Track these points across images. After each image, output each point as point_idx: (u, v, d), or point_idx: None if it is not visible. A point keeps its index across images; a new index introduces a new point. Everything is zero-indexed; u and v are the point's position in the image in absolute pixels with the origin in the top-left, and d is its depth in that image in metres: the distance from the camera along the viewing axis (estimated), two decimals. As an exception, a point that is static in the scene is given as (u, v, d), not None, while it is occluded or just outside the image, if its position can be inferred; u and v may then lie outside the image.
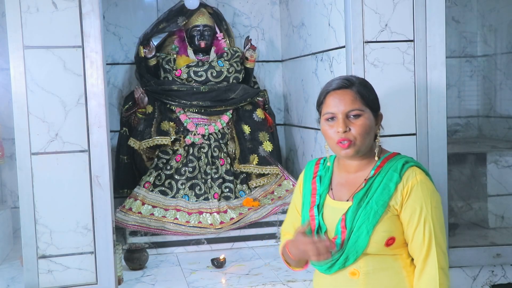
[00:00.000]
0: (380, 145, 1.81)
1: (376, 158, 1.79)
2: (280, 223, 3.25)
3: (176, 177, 3.34)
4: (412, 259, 1.77)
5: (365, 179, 1.77)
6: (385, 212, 1.72)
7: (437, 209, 1.73)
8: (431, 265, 1.70)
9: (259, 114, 3.54)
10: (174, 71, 3.48)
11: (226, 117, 3.50)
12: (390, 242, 1.72)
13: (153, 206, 3.21)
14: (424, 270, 1.71)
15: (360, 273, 1.74)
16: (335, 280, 1.79)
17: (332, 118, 1.75)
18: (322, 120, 1.79)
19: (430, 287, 1.70)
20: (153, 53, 3.45)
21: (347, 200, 1.78)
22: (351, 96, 1.74)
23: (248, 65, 3.59)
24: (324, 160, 1.92)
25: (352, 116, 1.73)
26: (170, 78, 3.49)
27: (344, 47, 2.67)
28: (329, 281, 1.80)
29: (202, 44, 3.53)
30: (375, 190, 1.74)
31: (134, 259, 2.83)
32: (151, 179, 3.31)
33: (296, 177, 3.61)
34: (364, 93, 1.76)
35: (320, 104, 1.81)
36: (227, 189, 3.37)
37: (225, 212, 3.23)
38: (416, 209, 1.71)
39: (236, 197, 3.36)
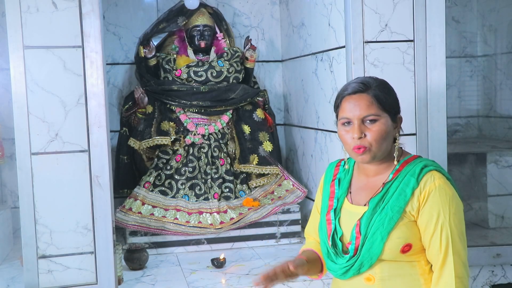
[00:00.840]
0: (401, 148, 1.76)
1: (395, 162, 1.73)
2: (280, 223, 3.25)
3: (176, 177, 3.34)
4: (431, 266, 1.71)
5: (383, 183, 1.72)
6: (400, 218, 1.66)
7: (457, 216, 1.66)
8: (447, 274, 1.63)
9: (259, 114, 3.54)
10: (174, 71, 3.48)
11: (226, 117, 3.50)
12: (406, 249, 1.66)
13: (153, 206, 3.21)
14: (441, 279, 1.64)
15: (376, 279, 1.69)
16: (350, 285, 1.74)
17: (348, 123, 1.70)
18: (338, 124, 1.74)
19: None
20: (153, 53, 3.45)
21: (365, 205, 1.72)
22: (366, 101, 1.68)
23: (248, 65, 3.59)
24: (344, 162, 1.87)
25: (368, 121, 1.68)
26: (170, 78, 3.49)
27: (344, 47, 2.67)
28: (344, 286, 1.76)
29: (202, 44, 3.53)
30: (391, 195, 1.68)
31: (134, 259, 2.83)
32: (151, 179, 3.31)
33: (296, 177, 3.61)
34: (381, 97, 1.70)
35: (336, 107, 1.76)
36: (227, 189, 3.37)
37: (225, 212, 3.23)
38: (433, 215, 1.64)
39: (236, 197, 3.36)
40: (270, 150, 3.46)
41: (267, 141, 3.47)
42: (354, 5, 2.52)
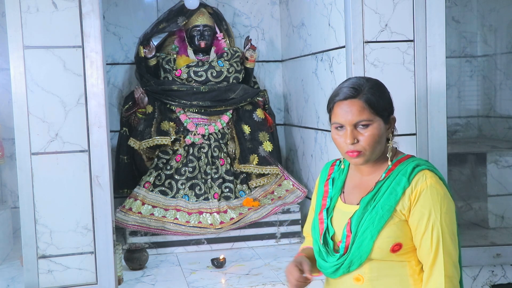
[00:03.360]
0: (395, 147, 1.76)
1: (389, 162, 1.73)
2: (280, 223, 3.25)
3: (176, 177, 3.34)
4: (422, 267, 1.69)
5: (375, 182, 1.72)
6: (391, 217, 1.65)
7: (448, 215, 1.65)
8: (437, 273, 1.62)
9: (259, 114, 3.54)
10: (174, 71, 3.48)
11: (226, 117, 3.50)
12: (396, 248, 1.65)
13: (153, 206, 3.21)
14: (431, 278, 1.64)
15: (365, 279, 1.69)
16: (339, 284, 1.74)
17: (341, 127, 1.70)
18: (332, 127, 1.74)
19: None
20: (153, 53, 3.45)
21: (357, 204, 1.73)
22: (358, 106, 1.67)
23: (248, 65, 3.59)
24: (340, 162, 1.87)
25: (360, 126, 1.67)
26: (170, 78, 3.49)
27: (344, 47, 2.67)
28: (334, 286, 1.77)
29: (202, 44, 3.53)
30: (382, 194, 1.68)
31: (134, 259, 2.83)
32: (151, 179, 3.31)
33: (296, 177, 3.61)
34: (373, 100, 1.68)
35: (329, 110, 1.76)
36: (227, 189, 3.37)
37: (225, 212, 3.23)
38: (424, 214, 1.63)
39: (236, 197, 3.36)
40: (270, 150, 3.46)
41: (267, 141, 3.47)
42: (354, 5, 2.52)
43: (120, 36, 3.73)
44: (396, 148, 1.78)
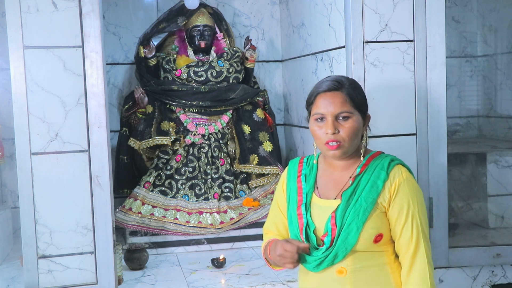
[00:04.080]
0: (365, 145, 1.85)
1: (362, 158, 1.82)
2: (280, 223, 3.25)
3: (176, 177, 3.34)
4: (397, 256, 1.81)
5: (351, 177, 1.81)
6: (373, 209, 1.75)
7: (422, 206, 1.78)
8: (420, 261, 1.75)
9: (259, 114, 3.54)
10: (174, 71, 3.48)
11: (226, 117, 3.50)
12: (378, 238, 1.75)
13: (153, 206, 3.21)
14: (414, 266, 1.75)
15: (348, 271, 1.77)
16: (321, 278, 1.80)
17: (321, 119, 1.79)
18: (311, 120, 1.83)
19: (421, 281, 1.74)
20: (153, 53, 3.45)
21: (335, 198, 1.81)
22: (341, 98, 1.77)
23: (248, 65, 3.59)
24: (308, 158, 1.94)
25: (341, 118, 1.77)
26: (170, 78, 3.49)
27: (344, 47, 2.67)
28: (315, 280, 1.82)
29: (202, 44, 3.53)
30: (363, 187, 1.77)
31: (134, 259, 2.83)
32: (151, 179, 3.31)
33: (296, 177, 3.61)
34: (353, 95, 1.79)
35: (310, 104, 1.86)
36: (227, 189, 3.37)
37: (225, 212, 3.23)
38: (404, 206, 1.75)
39: (236, 197, 3.36)
40: (270, 150, 3.46)
41: (267, 141, 3.47)
42: (354, 5, 2.52)
43: (120, 36, 3.73)
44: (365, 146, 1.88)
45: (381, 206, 1.77)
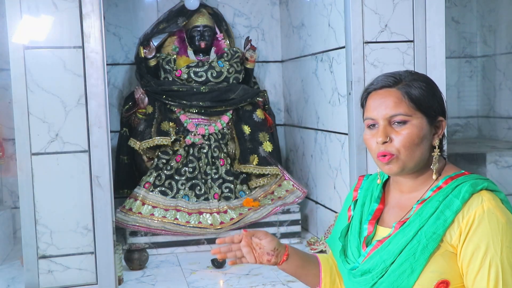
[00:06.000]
0: (445, 159, 1.45)
1: (434, 177, 1.40)
2: (280, 223, 3.25)
3: (176, 177, 3.34)
4: None
5: (419, 203, 1.38)
6: (437, 247, 1.32)
7: (511, 250, 1.29)
8: None
9: (259, 114, 3.54)
10: (174, 71, 3.48)
11: (226, 118, 3.50)
12: (441, 286, 1.32)
13: (153, 207, 3.21)
14: None
15: None
16: None
17: (373, 125, 1.40)
18: (365, 127, 1.44)
19: None
20: (153, 54, 3.45)
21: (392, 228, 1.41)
22: (395, 97, 1.37)
23: (248, 66, 3.59)
24: (371, 175, 1.59)
25: (396, 123, 1.36)
26: (170, 79, 3.49)
27: (344, 47, 2.67)
28: None
29: (202, 44, 3.53)
30: (427, 218, 1.34)
31: (134, 259, 2.84)
32: (151, 179, 3.31)
33: (296, 177, 3.61)
34: (414, 93, 1.37)
35: (362, 105, 1.48)
36: (227, 190, 3.37)
37: (225, 212, 3.23)
38: (480, 247, 1.29)
39: (236, 197, 3.36)
40: (270, 151, 3.46)
41: (267, 142, 3.48)
42: (354, 5, 2.53)
43: (120, 36, 3.73)
44: (449, 162, 1.46)
45: (448, 245, 1.32)
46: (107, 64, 3.51)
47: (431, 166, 1.40)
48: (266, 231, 1.53)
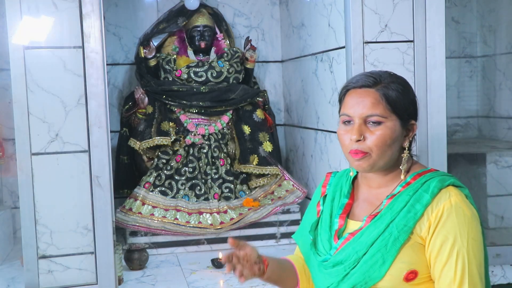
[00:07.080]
0: (412, 159, 1.52)
1: (402, 176, 1.47)
2: (280, 223, 3.25)
3: (176, 177, 3.34)
4: None
5: (389, 197, 1.46)
6: (407, 239, 1.39)
7: (476, 242, 1.38)
8: None
9: (259, 114, 3.54)
10: (174, 71, 3.48)
11: (226, 118, 3.51)
12: (410, 276, 1.38)
13: (153, 207, 3.22)
14: None
15: None
16: None
17: (348, 122, 1.46)
18: (339, 121, 1.49)
19: None
20: (153, 54, 3.45)
21: (363, 221, 1.49)
22: (373, 98, 1.42)
23: (248, 66, 3.59)
24: (335, 174, 1.66)
25: (371, 123, 1.43)
26: (170, 79, 3.49)
27: (344, 47, 2.67)
28: None
29: (202, 44, 3.53)
30: (397, 211, 1.41)
31: (134, 259, 2.84)
32: (151, 179, 3.31)
33: (296, 177, 3.61)
34: (391, 95, 1.43)
35: (339, 100, 1.52)
36: (227, 190, 3.37)
37: (225, 212, 3.23)
38: (448, 239, 1.36)
39: (236, 197, 3.36)
40: (270, 151, 3.46)
41: (267, 142, 3.48)
42: (354, 5, 2.53)
43: (120, 36, 3.73)
44: (413, 160, 1.53)
45: (418, 237, 1.39)
46: (107, 64, 3.51)
47: (400, 167, 1.47)
48: (244, 241, 1.55)
